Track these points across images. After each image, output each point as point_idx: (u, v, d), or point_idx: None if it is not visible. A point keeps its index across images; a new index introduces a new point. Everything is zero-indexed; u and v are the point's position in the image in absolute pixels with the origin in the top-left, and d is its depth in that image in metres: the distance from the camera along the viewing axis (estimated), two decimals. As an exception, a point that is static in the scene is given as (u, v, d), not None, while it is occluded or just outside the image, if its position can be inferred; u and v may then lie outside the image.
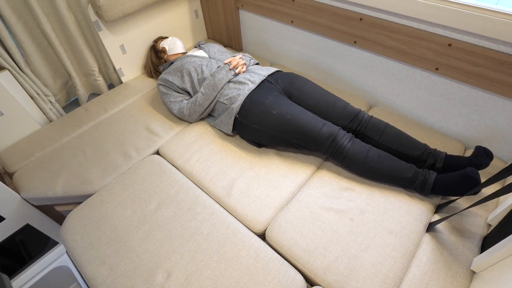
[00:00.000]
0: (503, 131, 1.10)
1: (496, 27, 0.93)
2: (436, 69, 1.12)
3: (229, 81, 1.31)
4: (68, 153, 1.32)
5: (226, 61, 1.36)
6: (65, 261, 1.59)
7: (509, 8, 0.92)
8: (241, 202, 1.09)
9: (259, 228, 1.03)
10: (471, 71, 1.05)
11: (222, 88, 1.30)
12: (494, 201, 1.04)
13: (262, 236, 1.05)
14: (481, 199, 0.82)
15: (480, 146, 1.03)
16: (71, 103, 1.77)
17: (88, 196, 1.19)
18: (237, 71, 1.33)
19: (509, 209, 0.86)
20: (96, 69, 1.64)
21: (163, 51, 1.59)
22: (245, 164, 1.21)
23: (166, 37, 1.67)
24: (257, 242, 0.99)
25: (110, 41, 1.55)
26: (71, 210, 1.15)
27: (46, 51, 1.48)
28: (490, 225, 0.98)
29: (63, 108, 1.69)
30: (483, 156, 1.02)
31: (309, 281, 0.94)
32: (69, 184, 1.21)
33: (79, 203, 1.19)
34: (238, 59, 1.37)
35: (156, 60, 1.65)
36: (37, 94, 1.43)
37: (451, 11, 0.98)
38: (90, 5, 1.42)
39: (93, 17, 1.44)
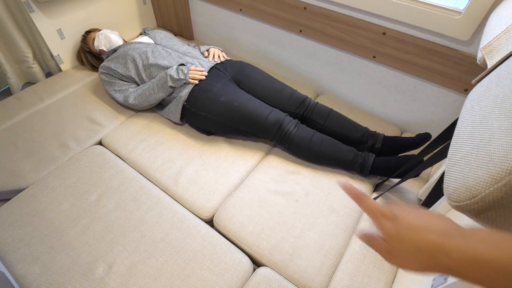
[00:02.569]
0: (432, 114, 1.21)
1: (422, 17, 1.01)
2: (374, 57, 1.19)
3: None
4: (-5, 146, 1.20)
5: (204, 53, 1.38)
6: (-2, 266, 1.44)
7: None
8: (188, 190, 1.07)
9: (207, 214, 1.02)
10: (403, 59, 1.13)
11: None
12: (424, 178, 1.13)
13: (211, 222, 1.04)
14: (408, 174, 0.89)
15: (421, 134, 1.10)
16: (2, 93, 1.60)
17: (19, 191, 1.09)
18: (190, 79, 1.22)
19: (433, 185, 0.95)
20: (30, 55, 1.50)
21: (102, 52, 1.49)
22: (194, 152, 1.19)
23: (94, 31, 1.51)
24: (204, 228, 0.98)
25: (45, 24, 1.43)
26: None
27: (-34, 33, 1.32)
28: (420, 200, 1.07)
29: (-8, 98, 1.52)
30: (421, 140, 1.09)
31: (256, 262, 0.95)
32: (-4, 179, 1.09)
33: (9, 199, 1.09)
34: (218, 51, 1.40)
35: (97, 62, 1.55)
36: (-44, 81, 1.27)
37: (383, 1, 1.05)
38: (18, -17, 1.29)
39: (22, -4, 1.31)
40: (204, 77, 1.23)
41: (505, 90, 0.43)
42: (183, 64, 1.27)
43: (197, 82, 1.21)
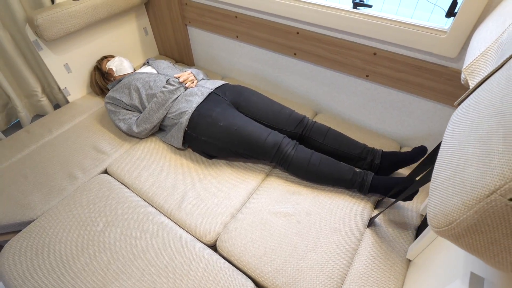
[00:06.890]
0: (429, 128, 1.22)
1: (410, 37, 1.04)
2: (367, 76, 1.22)
3: (177, 96, 1.33)
4: (6, 179, 1.24)
5: (176, 75, 1.38)
6: (9, 297, 1.46)
7: (420, 20, 1.04)
8: (192, 215, 1.09)
9: (210, 239, 1.04)
10: (395, 77, 1.16)
11: (171, 103, 1.31)
12: (425, 193, 1.13)
13: (214, 246, 1.06)
14: (408, 189, 0.90)
15: (417, 147, 1.12)
16: (13, 126, 1.68)
17: (29, 223, 1.12)
18: (186, 85, 1.35)
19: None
20: (39, 89, 1.58)
21: (110, 72, 1.57)
22: (196, 177, 1.22)
23: (111, 57, 1.64)
24: (207, 253, 0.99)
25: (53, 60, 1.51)
26: (9, 240, 1.07)
27: (-20, 73, 1.41)
28: (422, 215, 1.06)
29: (3, 132, 1.59)
30: (418, 154, 1.11)
31: (260, 286, 0.95)
32: (7, 211, 1.13)
33: (20, 231, 1.12)
34: (187, 74, 1.39)
35: (102, 82, 1.63)
36: (-30, 118, 1.34)
37: (372, 24, 1.09)
38: (27, 24, 1.38)
39: (32, 36, 1.40)
40: (194, 83, 1.39)
41: (480, 115, 0.45)
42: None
43: (192, 85, 1.37)
